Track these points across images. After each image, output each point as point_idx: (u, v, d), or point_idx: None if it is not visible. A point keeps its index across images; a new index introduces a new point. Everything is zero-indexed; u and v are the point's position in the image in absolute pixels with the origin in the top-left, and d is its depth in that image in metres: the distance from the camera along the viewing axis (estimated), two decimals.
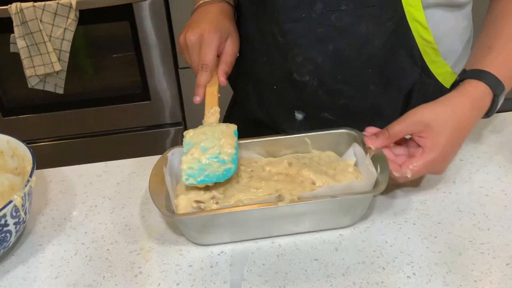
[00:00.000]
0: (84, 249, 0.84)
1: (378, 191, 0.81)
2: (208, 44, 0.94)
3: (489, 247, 0.80)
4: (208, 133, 0.88)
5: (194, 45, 0.95)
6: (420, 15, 0.92)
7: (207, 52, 0.94)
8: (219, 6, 1.01)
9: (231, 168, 0.84)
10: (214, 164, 0.84)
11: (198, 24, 0.96)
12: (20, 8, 2.01)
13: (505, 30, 0.92)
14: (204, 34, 0.94)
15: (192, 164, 0.84)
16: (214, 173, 0.83)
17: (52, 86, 2.21)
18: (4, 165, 0.90)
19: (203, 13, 0.99)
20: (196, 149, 0.86)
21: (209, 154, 0.85)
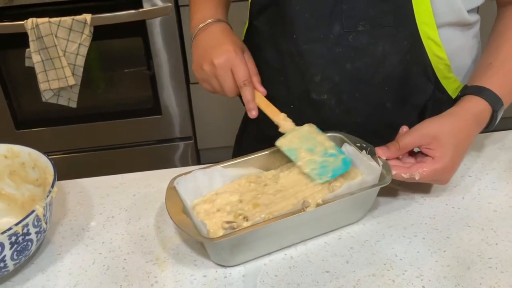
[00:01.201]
0: (101, 258, 0.86)
1: (389, 180, 0.86)
2: (241, 61, 0.96)
3: (497, 262, 0.82)
4: (300, 137, 0.92)
5: (225, 67, 0.96)
6: (434, 33, 0.95)
7: (243, 70, 0.96)
8: (221, 26, 1.02)
9: (346, 158, 0.89)
10: (330, 159, 0.89)
11: (216, 47, 0.97)
12: (36, 23, 2.05)
13: (506, 47, 0.96)
14: (232, 55, 0.96)
15: (311, 166, 0.88)
16: (337, 166, 0.88)
17: (66, 100, 2.24)
18: (25, 176, 0.93)
19: (212, 36, 1.01)
20: (304, 152, 0.90)
21: (318, 153, 0.90)
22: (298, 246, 0.86)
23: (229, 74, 0.96)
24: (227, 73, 0.96)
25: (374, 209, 0.92)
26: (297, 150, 0.91)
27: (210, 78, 0.99)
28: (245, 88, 0.96)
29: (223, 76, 0.97)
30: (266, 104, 0.98)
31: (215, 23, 1.02)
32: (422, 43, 0.96)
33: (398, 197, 0.95)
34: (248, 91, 0.96)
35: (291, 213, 0.81)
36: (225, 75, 0.96)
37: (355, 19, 0.94)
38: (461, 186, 0.97)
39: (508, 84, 0.94)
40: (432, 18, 0.94)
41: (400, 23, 0.94)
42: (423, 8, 0.93)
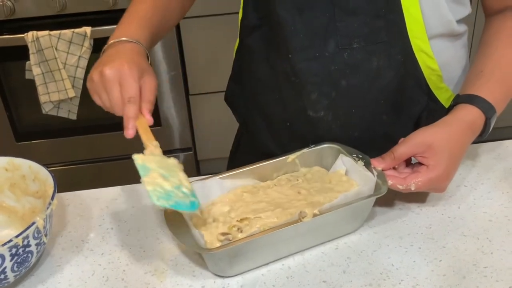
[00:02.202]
0: (101, 269, 0.87)
1: (385, 190, 0.87)
2: (131, 77, 0.88)
3: (492, 271, 0.83)
4: (161, 163, 0.86)
5: (113, 79, 0.89)
6: (426, 45, 0.97)
7: (132, 85, 0.88)
8: (131, 46, 0.95)
9: (196, 202, 0.84)
10: (179, 193, 0.83)
11: (113, 60, 0.90)
12: (36, 36, 2.07)
13: (496, 54, 0.98)
14: (123, 69, 0.88)
15: (156, 187, 0.81)
16: (183, 202, 0.82)
17: (66, 112, 2.26)
18: (26, 188, 0.94)
19: (116, 51, 0.93)
20: (157, 174, 0.83)
21: (171, 183, 0.83)
22: (296, 256, 0.87)
23: (116, 87, 0.89)
24: (115, 86, 0.89)
25: (371, 219, 0.93)
26: (150, 170, 0.84)
27: (99, 90, 0.91)
28: (129, 104, 0.88)
29: (111, 88, 0.89)
30: (144, 128, 0.90)
31: (127, 42, 0.95)
32: (415, 56, 0.97)
33: (395, 207, 0.96)
34: (131, 109, 0.88)
35: (288, 223, 0.82)
36: (112, 87, 0.89)
37: (349, 37, 0.95)
38: (457, 196, 0.98)
39: (499, 91, 0.95)
40: (424, 32, 0.95)
41: (393, 38, 0.95)
42: (415, 23, 0.94)
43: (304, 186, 0.93)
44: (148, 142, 0.89)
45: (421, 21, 0.94)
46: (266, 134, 1.11)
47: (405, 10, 0.93)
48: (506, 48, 0.98)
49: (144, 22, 1.00)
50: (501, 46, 0.98)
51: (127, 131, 0.90)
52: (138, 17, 1.01)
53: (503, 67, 0.96)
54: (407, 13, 0.93)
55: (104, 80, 0.89)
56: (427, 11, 0.94)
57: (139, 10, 1.02)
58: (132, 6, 1.04)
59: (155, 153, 0.88)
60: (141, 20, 1.00)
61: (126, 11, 1.03)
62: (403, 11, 0.93)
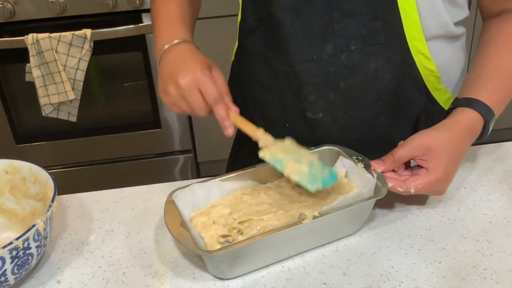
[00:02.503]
0: (101, 272, 0.87)
1: (384, 192, 0.87)
2: (207, 79, 0.90)
3: (492, 273, 0.83)
4: (283, 149, 0.91)
5: (192, 87, 0.90)
6: (423, 47, 0.97)
7: (211, 87, 0.90)
8: (186, 46, 0.96)
9: (332, 170, 0.90)
10: (317, 170, 0.89)
11: (182, 68, 0.91)
12: (36, 38, 2.07)
13: (494, 58, 0.98)
14: (197, 74, 0.90)
15: (300, 175, 0.88)
16: (325, 177, 0.88)
17: (66, 114, 2.26)
18: (26, 191, 0.94)
19: (178, 56, 0.95)
20: (291, 162, 0.89)
21: (305, 163, 0.89)
22: (296, 258, 0.87)
23: (197, 93, 0.90)
24: (195, 93, 0.90)
25: (371, 221, 0.93)
26: (282, 160, 0.89)
27: (178, 101, 0.92)
28: (218, 105, 0.90)
29: (191, 97, 0.90)
30: (242, 121, 0.93)
31: (180, 44, 0.96)
32: (413, 58, 0.97)
33: (394, 209, 0.96)
34: (221, 109, 0.91)
35: (288, 225, 0.82)
36: (193, 95, 0.90)
37: (347, 38, 0.95)
38: (457, 198, 0.98)
39: (498, 95, 0.95)
40: (421, 33, 0.96)
41: (391, 40, 0.96)
42: (412, 24, 0.94)
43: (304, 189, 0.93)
44: (254, 133, 0.93)
45: (418, 23, 0.94)
46: None
47: (402, 12, 0.93)
48: (504, 51, 0.98)
49: (181, 20, 1.01)
50: (500, 50, 0.99)
51: (226, 130, 0.92)
52: (174, 18, 1.02)
53: (502, 71, 0.97)
54: (404, 15, 0.94)
55: (182, 90, 0.90)
56: (424, 12, 0.95)
57: (170, 11, 1.03)
58: (159, 9, 1.04)
59: (269, 140, 0.92)
60: (178, 20, 1.01)
61: (157, 15, 1.03)
62: (400, 12, 0.94)
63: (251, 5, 1.03)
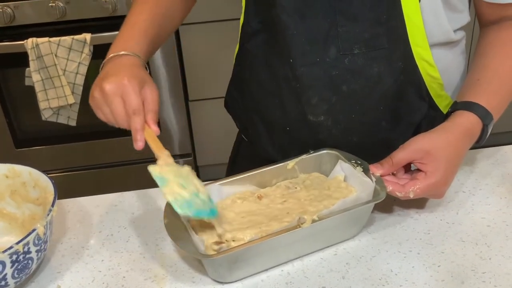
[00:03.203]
0: (101, 276, 0.88)
1: (383, 196, 0.88)
2: (132, 89, 0.89)
3: (491, 276, 0.83)
4: (176, 173, 0.86)
5: (115, 94, 0.89)
6: (427, 54, 0.98)
7: (133, 98, 0.89)
8: (129, 59, 0.95)
9: (215, 209, 0.85)
10: (198, 201, 0.84)
11: (112, 75, 0.91)
12: (36, 43, 2.08)
13: (493, 63, 0.99)
14: (124, 82, 0.89)
15: (177, 197, 0.83)
16: (203, 210, 0.84)
17: (65, 119, 2.26)
18: (26, 195, 0.94)
19: (115, 66, 0.94)
20: (175, 184, 0.84)
21: (189, 191, 0.85)
22: (295, 262, 0.87)
23: (119, 101, 0.89)
24: (117, 99, 0.89)
25: (370, 225, 0.94)
26: (168, 180, 0.85)
27: (101, 105, 0.91)
28: (134, 117, 0.89)
29: (113, 103, 0.89)
30: (152, 138, 0.91)
31: (124, 56, 0.95)
32: (416, 64, 0.98)
33: (393, 212, 0.96)
34: (137, 121, 0.89)
35: (287, 229, 0.82)
36: (114, 102, 0.89)
37: (350, 42, 0.95)
38: (455, 202, 0.98)
39: (496, 99, 0.96)
40: (425, 40, 0.96)
41: (394, 45, 0.96)
42: (417, 31, 0.95)
43: (303, 193, 0.93)
44: (159, 153, 0.89)
45: (423, 30, 0.95)
46: (266, 139, 1.12)
47: (407, 18, 0.94)
48: (502, 57, 0.99)
49: (142, 34, 1.00)
50: (497, 56, 0.99)
51: (136, 143, 0.89)
52: (135, 30, 1.01)
53: (500, 76, 0.98)
54: (409, 21, 0.94)
55: (105, 95, 0.89)
56: (428, 20, 0.95)
57: (137, 22, 1.02)
58: (129, 17, 1.03)
59: (168, 162, 0.88)
60: (139, 33, 1.00)
61: (124, 24, 1.02)
62: (404, 18, 0.94)
63: (254, 8, 1.03)
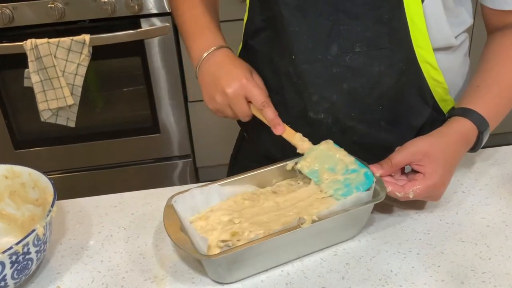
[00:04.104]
0: (100, 277, 0.88)
1: (383, 196, 0.88)
2: (254, 85, 0.95)
3: (491, 276, 0.83)
4: (319, 157, 0.93)
5: (237, 95, 0.95)
6: (431, 57, 0.98)
7: (259, 93, 0.95)
8: (224, 52, 1.00)
9: (367, 171, 0.90)
10: (352, 176, 0.90)
11: (226, 77, 0.96)
12: (35, 44, 2.08)
13: (494, 71, 1.00)
14: (243, 81, 0.95)
15: (335, 186, 0.89)
16: (360, 182, 0.89)
17: (64, 120, 2.26)
18: (25, 196, 0.94)
19: (217, 65, 0.99)
20: (326, 173, 0.91)
21: (340, 171, 0.91)
22: (295, 263, 0.87)
23: (243, 100, 0.96)
24: (241, 100, 0.95)
25: (370, 225, 0.94)
26: (318, 171, 0.92)
27: (223, 108, 0.98)
28: (266, 109, 0.96)
29: (237, 104, 0.96)
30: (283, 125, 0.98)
31: (218, 51, 1.00)
32: (419, 67, 0.98)
33: (393, 213, 0.96)
34: (270, 111, 0.96)
35: (287, 230, 0.82)
36: (239, 103, 0.96)
37: (352, 40, 0.96)
38: (455, 202, 0.98)
39: (494, 107, 0.97)
40: (428, 43, 0.96)
41: (396, 46, 0.96)
42: (420, 33, 0.95)
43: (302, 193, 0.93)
44: (292, 139, 0.97)
45: (426, 33, 0.95)
46: (267, 136, 1.12)
47: (410, 20, 0.94)
48: (504, 65, 1.00)
49: (211, 26, 1.04)
50: (500, 63, 1.00)
51: (277, 128, 0.97)
52: (203, 24, 1.04)
53: (500, 83, 0.98)
54: (411, 23, 0.94)
55: (230, 99, 0.95)
56: (430, 25, 0.96)
57: (197, 17, 1.05)
58: (184, 16, 1.06)
59: (304, 147, 0.95)
60: (208, 25, 1.04)
61: (184, 23, 1.06)
62: (407, 20, 0.94)
63: (259, 5, 1.04)
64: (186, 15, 1.07)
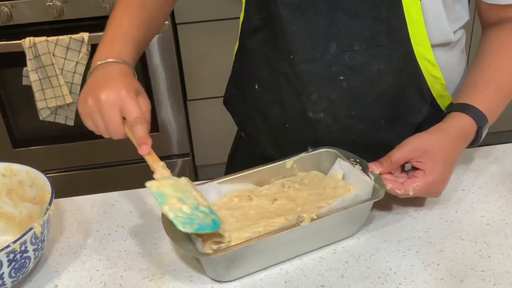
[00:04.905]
0: (98, 275, 0.87)
1: (382, 194, 0.87)
2: (131, 99, 0.88)
3: (490, 274, 0.83)
4: (174, 186, 0.85)
5: (112, 104, 0.87)
6: (429, 53, 0.98)
7: (134, 107, 0.88)
8: (120, 67, 0.94)
9: (217, 220, 0.84)
10: (199, 214, 0.83)
11: (107, 84, 0.89)
12: (33, 42, 2.07)
13: (491, 66, 0.99)
14: (122, 93, 0.88)
15: (178, 213, 0.81)
16: (205, 223, 0.82)
17: (63, 118, 2.25)
18: (23, 194, 0.94)
19: (106, 75, 0.92)
20: (174, 199, 0.83)
21: (189, 205, 0.83)
22: (294, 261, 0.87)
23: (116, 111, 0.88)
24: (114, 110, 0.88)
25: (369, 224, 0.93)
26: (167, 196, 0.83)
27: (93, 114, 0.89)
28: (138, 125, 0.88)
29: (109, 113, 0.88)
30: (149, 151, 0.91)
31: (114, 64, 0.94)
32: (418, 63, 0.98)
33: (392, 211, 0.96)
34: (141, 128, 0.88)
35: (286, 228, 0.82)
36: (111, 111, 0.88)
37: (350, 39, 0.96)
38: (454, 200, 0.98)
39: (492, 102, 0.97)
40: (426, 40, 0.96)
41: (394, 43, 0.96)
42: (418, 30, 0.95)
43: (301, 191, 0.93)
44: (155, 165, 0.88)
45: (424, 29, 0.95)
46: (265, 136, 1.12)
47: (408, 17, 0.94)
48: (501, 60, 1.00)
49: (128, 38, 0.98)
50: (496, 58, 1.00)
51: (142, 147, 0.89)
52: (121, 33, 0.98)
53: (497, 79, 0.98)
54: (410, 20, 0.94)
55: (101, 105, 0.88)
56: (429, 21, 0.96)
57: (122, 25, 1.00)
58: (113, 20, 1.01)
59: (165, 174, 0.87)
60: (125, 37, 0.98)
61: (108, 26, 1.00)
62: (405, 17, 0.94)
63: (255, 5, 1.03)
64: (112, 21, 1.01)
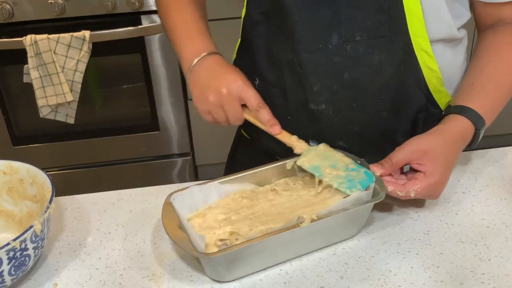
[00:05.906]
0: (98, 274, 0.87)
1: (383, 196, 0.88)
2: (249, 87, 0.95)
3: (490, 277, 0.83)
4: (319, 156, 0.94)
5: (233, 95, 0.94)
6: (426, 44, 0.98)
7: (254, 94, 0.95)
8: (216, 58, 1.00)
9: (367, 171, 0.90)
10: (353, 173, 0.90)
11: (221, 78, 0.96)
12: (34, 40, 2.07)
13: (487, 68, 1.00)
14: (238, 83, 0.94)
15: (339, 180, 0.89)
16: (362, 179, 0.89)
17: (63, 116, 2.25)
18: (23, 192, 0.94)
19: (210, 69, 0.98)
20: (328, 168, 0.91)
21: (341, 168, 0.91)
22: (293, 262, 0.87)
23: (237, 101, 0.95)
24: (235, 101, 0.95)
25: (369, 225, 0.93)
26: (320, 167, 0.92)
27: (215, 109, 0.96)
28: (263, 110, 0.96)
29: (231, 105, 0.95)
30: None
31: (208, 57, 0.99)
32: (415, 54, 0.98)
33: (393, 212, 0.96)
34: (266, 112, 0.96)
35: (286, 228, 0.82)
36: (233, 103, 0.95)
37: (352, 29, 0.96)
38: (455, 202, 0.98)
39: (489, 104, 0.98)
40: (424, 31, 0.96)
41: (394, 34, 0.96)
42: (416, 20, 0.95)
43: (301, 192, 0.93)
44: (290, 141, 0.97)
45: (422, 20, 0.95)
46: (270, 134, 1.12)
47: (406, 7, 0.94)
48: (497, 62, 1.00)
49: (202, 31, 1.04)
50: (492, 60, 1.01)
51: (274, 128, 0.97)
52: (194, 29, 1.04)
53: (494, 81, 0.99)
54: (408, 10, 0.94)
55: (224, 98, 0.94)
56: (429, 13, 0.96)
57: (187, 21, 1.04)
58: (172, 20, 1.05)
59: (303, 147, 0.96)
60: (198, 31, 1.03)
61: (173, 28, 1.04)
62: (404, 7, 0.94)
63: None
64: (176, 18, 1.05)
